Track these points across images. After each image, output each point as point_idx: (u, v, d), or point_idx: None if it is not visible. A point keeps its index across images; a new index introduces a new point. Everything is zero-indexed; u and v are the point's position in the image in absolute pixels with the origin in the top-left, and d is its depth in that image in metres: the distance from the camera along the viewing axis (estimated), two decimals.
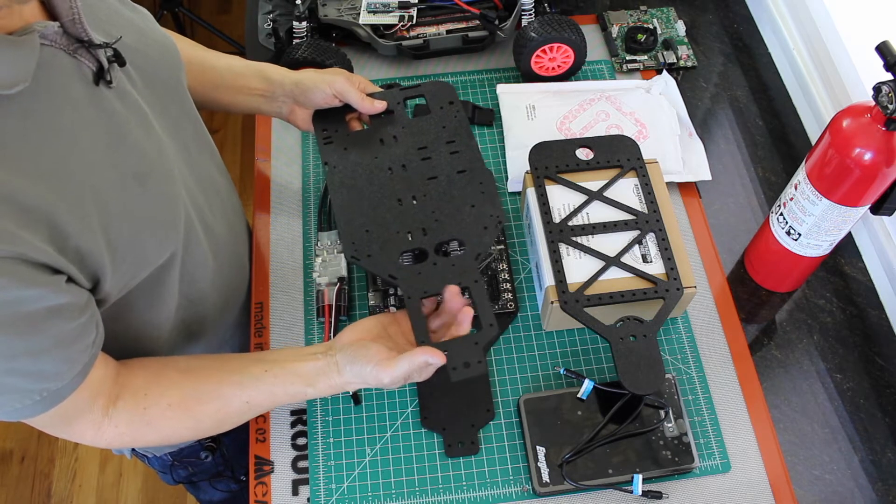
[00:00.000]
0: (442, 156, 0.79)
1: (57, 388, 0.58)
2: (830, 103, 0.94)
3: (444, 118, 0.82)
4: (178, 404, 0.66)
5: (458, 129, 0.81)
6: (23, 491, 1.62)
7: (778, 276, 0.85)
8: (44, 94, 0.54)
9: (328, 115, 0.83)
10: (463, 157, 0.78)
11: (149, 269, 0.64)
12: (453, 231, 0.74)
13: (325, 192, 0.91)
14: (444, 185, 0.77)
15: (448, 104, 0.83)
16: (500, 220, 0.74)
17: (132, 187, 0.60)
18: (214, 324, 0.81)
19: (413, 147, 0.80)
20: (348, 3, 1.02)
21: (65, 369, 0.58)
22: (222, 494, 1.07)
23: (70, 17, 0.55)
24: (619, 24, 1.05)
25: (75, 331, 0.57)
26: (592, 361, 0.81)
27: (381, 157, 0.79)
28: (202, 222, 0.72)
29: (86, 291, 0.58)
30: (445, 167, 0.78)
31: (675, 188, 0.92)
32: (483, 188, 0.76)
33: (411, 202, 0.76)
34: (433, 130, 0.81)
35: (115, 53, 0.59)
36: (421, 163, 0.78)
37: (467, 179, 0.77)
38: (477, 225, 0.74)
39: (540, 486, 0.73)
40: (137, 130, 0.62)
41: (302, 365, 0.68)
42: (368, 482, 0.74)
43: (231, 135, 2.13)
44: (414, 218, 0.75)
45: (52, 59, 0.55)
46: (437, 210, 0.75)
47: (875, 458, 0.77)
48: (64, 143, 0.55)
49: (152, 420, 0.65)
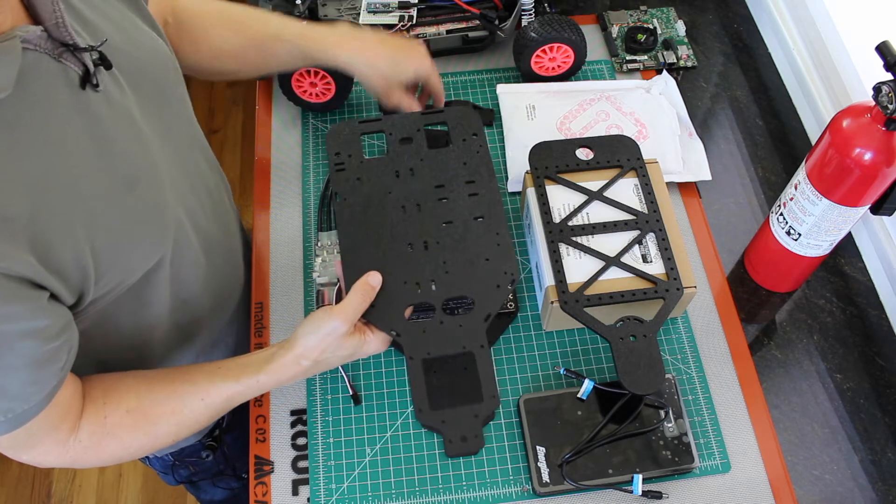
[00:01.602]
0: (460, 197, 0.75)
1: (23, 410, 0.56)
2: (830, 103, 0.94)
3: (466, 152, 0.77)
4: (135, 409, 0.65)
5: (480, 168, 0.77)
6: (23, 491, 1.62)
7: (778, 276, 0.85)
8: (28, 101, 0.53)
9: (342, 135, 0.79)
10: (482, 201, 0.75)
11: (136, 274, 0.63)
12: (464, 287, 0.70)
13: (324, 193, 0.91)
14: (460, 231, 0.73)
15: (472, 136, 0.78)
16: (515, 279, 0.71)
17: (120, 193, 0.59)
18: (208, 323, 0.81)
19: (430, 185, 0.76)
20: (348, 3, 1.02)
21: (31, 392, 0.56)
22: (224, 493, 1.07)
23: (53, 21, 0.54)
24: (619, 24, 1.05)
25: (48, 354, 0.56)
26: (592, 361, 0.81)
27: (396, 192, 0.75)
28: (193, 224, 0.72)
29: (67, 312, 0.57)
30: (462, 211, 0.74)
31: (675, 188, 0.92)
32: (499, 240, 0.73)
33: (422, 248, 0.72)
34: (453, 166, 0.77)
35: (100, 56, 0.58)
36: (437, 203, 0.75)
37: (484, 228, 0.73)
38: (489, 282, 0.71)
39: (540, 486, 0.73)
40: (125, 134, 0.61)
41: (254, 355, 0.68)
42: (368, 482, 0.74)
43: (231, 135, 2.13)
44: (424, 267, 0.71)
45: (36, 64, 0.53)
46: (449, 261, 0.72)
47: (875, 458, 0.77)
48: (49, 150, 0.54)
49: (112, 429, 0.64)
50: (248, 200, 1.97)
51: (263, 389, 0.68)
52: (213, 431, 0.94)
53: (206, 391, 0.67)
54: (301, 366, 0.67)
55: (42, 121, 0.54)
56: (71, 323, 0.58)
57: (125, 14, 0.67)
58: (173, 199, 0.67)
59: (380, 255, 0.72)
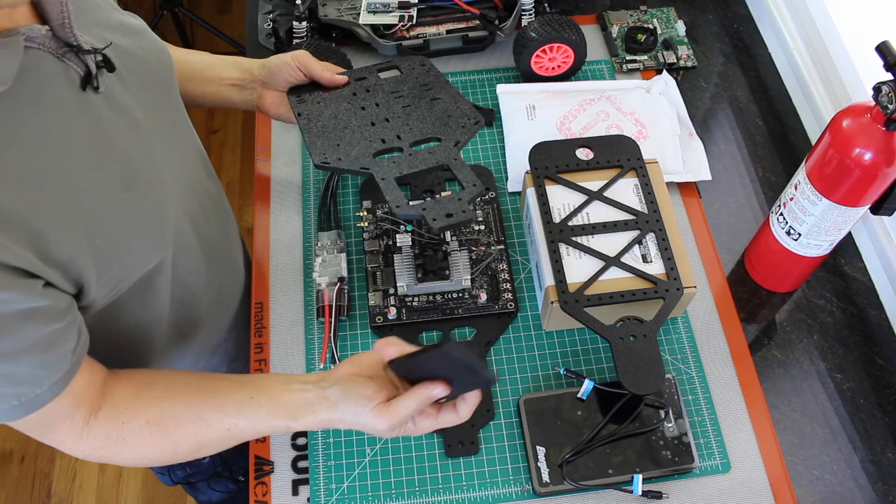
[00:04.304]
0: (417, 93, 0.79)
1: (35, 395, 0.57)
2: (830, 103, 0.94)
3: (419, 75, 0.82)
4: (156, 422, 0.63)
5: (434, 80, 0.80)
6: (23, 491, 1.62)
7: (778, 276, 0.85)
8: (28, 98, 0.53)
9: (302, 89, 0.83)
10: (437, 91, 0.78)
11: (137, 274, 0.63)
12: (429, 132, 0.73)
13: (325, 193, 0.91)
14: (420, 109, 0.77)
15: (420, 66, 0.83)
16: (479, 121, 0.73)
17: (118, 193, 0.60)
18: (208, 325, 0.81)
19: (388, 92, 0.80)
20: (348, 3, 1.02)
21: (42, 375, 0.56)
22: (220, 495, 1.07)
23: (60, 21, 0.55)
24: (619, 24, 1.05)
25: (52, 335, 0.56)
26: (592, 361, 0.81)
27: (354, 103, 0.79)
28: (194, 227, 0.72)
29: (67, 296, 0.57)
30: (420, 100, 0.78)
31: (675, 188, 0.92)
32: (459, 105, 0.75)
33: (384, 122, 0.75)
34: (408, 83, 0.81)
35: (104, 59, 0.59)
36: (395, 100, 0.78)
37: (443, 104, 0.77)
38: (454, 125, 0.73)
39: (540, 486, 0.73)
40: (125, 136, 0.61)
41: (289, 395, 0.64)
42: (368, 482, 0.74)
43: (231, 135, 2.13)
44: (388, 131, 0.74)
45: (38, 62, 0.54)
46: (412, 123, 0.75)
47: (875, 458, 0.77)
48: (48, 147, 0.54)
49: (128, 437, 0.63)
50: (248, 200, 1.97)
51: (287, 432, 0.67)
52: None
53: (234, 423, 0.64)
54: (329, 425, 0.65)
55: (41, 118, 0.54)
56: (73, 306, 0.58)
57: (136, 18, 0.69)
58: (175, 201, 0.67)
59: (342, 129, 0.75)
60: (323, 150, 0.72)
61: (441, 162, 0.69)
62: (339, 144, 0.72)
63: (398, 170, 0.69)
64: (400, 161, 0.70)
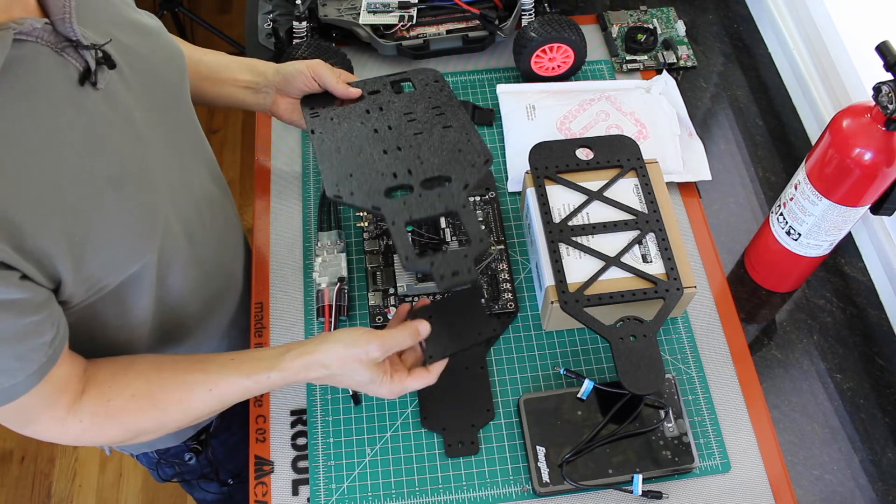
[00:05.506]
0: (429, 117, 0.78)
1: (10, 385, 0.57)
2: (830, 103, 0.94)
3: (432, 94, 0.81)
4: (142, 395, 0.64)
5: (447, 102, 0.80)
6: (23, 491, 1.62)
7: (778, 276, 0.85)
8: (19, 90, 0.53)
9: (316, 99, 0.83)
10: (449, 118, 0.78)
11: (120, 275, 0.63)
12: (439, 169, 0.73)
13: (324, 193, 0.91)
14: (431, 138, 0.76)
15: (433, 82, 0.82)
16: (489, 159, 0.73)
17: (104, 192, 0.59)
18: (197, 330, 0.80)
19: (400, 114, 0.79)
20: (348, 3, 1.02)
21: (16, 367, 0.56)
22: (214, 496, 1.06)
23: (61, 16, 0.55)
24: (619, 24, 1.05)
25: (27, 327, 0.56)
26: (592, 361, 0.81)
27: (367, 123, 0.79)
28: (186, 232, 0.71)
29: (45, 290, 0.57)
30: (431, 127, 0.77)
31: (675, 188, 0.92)
32: (469, 137, 0.75)
33: (396, 151, 0.75)
34: (421, 103, 0.80)
35: (104, 55, 0.59)
36: (407, 124, 0.78)
37: (455, 134, 0.76)
38: (464, 163, 0.73)
39: (540, 486, 0.73)
40: (120, 135, 0.61)
41: (268, 350, 0.68)
42: (368, 482, 0.74)
43: (231, 135, 2.13)
44: (399, 163, 0.74)
45: (34, 55, 0.54)
46: (423, 156, 0.74)
47: (875, 458, 0.77)
48: (35, 140, 0.54)
49: (115, 412, 0.64)
50: (248, 200, 1.97)
51: (274, 387, 0.68)
52: (198, 435, 0.93)
53: (216, 382, 0.66)
54: (316, 372, 0.66)
55: (31, 110, 0.54)
56: (52, 300, 0.58)
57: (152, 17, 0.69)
58: (166, 205, 0.67)
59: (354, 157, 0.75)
60: (336, 182, 0.73)
61: (450, 209, 0.70)
62: (353, 174, 0.73)
63: (408, 213, 0.70)
64: (410, 203, 0.70)
